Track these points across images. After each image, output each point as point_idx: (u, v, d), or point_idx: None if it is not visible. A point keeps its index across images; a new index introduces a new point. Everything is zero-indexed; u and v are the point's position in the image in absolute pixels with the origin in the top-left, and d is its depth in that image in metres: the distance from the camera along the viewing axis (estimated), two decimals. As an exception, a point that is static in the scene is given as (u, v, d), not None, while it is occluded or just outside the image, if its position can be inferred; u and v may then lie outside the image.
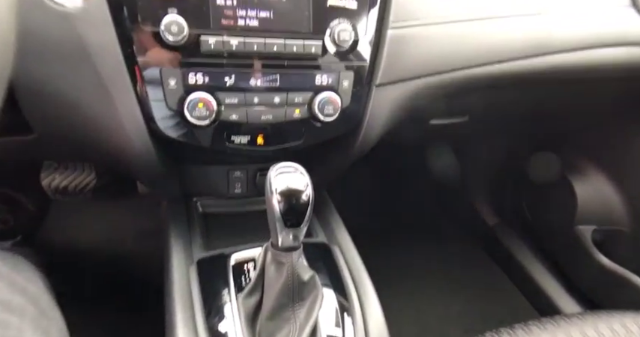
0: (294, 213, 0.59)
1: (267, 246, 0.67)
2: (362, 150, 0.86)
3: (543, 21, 0.82)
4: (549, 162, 1.36)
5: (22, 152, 0.82)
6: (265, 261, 0.67)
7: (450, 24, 0.77)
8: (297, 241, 0.63)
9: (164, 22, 0.61)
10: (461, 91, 0.87)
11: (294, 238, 0.62)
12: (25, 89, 0.63)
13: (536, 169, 1.44)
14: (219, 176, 0.95)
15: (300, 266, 0.66)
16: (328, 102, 0.74)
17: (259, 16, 0.67)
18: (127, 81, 0.64)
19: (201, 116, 0.67)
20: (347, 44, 0.71)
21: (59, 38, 0.59)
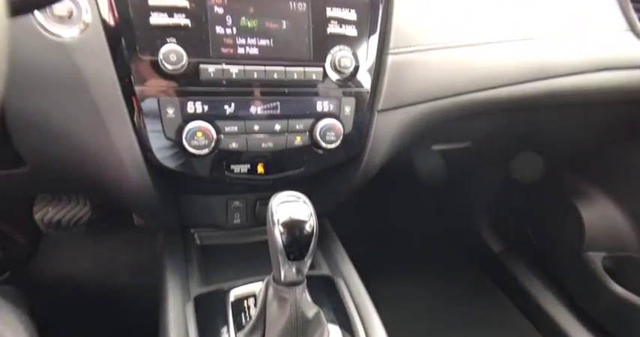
0: (297, 245, 0.56)
1: (268, 280, 0.63)
2: (365, 176, 0.84)
3: (541, 45, 0.83)
4: (533, 161, 1.33)
5: (13, 185, 0.79)
6: (267, 297, 0.63)
7: (449, 49, 0.77)
8: (301, 275, 0.59)
9: (162, 51, 0.60)
10: (462, 116, 0.86)
11: (298, 272, 0.59)
12: (18, 120, 0.61)
13: (521, 169, 1.40)
14: (217, 206, 0.92)
15: (304, 303, 0.62)
16: (330, 128, 0.72)
17: (259, 44, 0.66)
18: (124, 111, 0.62)
19: (200, 145, 0.65)
20: (348, 70, 0.71)
21: (55, 68, 0.58)
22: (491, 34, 0.79)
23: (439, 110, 0.81)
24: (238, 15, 0.64)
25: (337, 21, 0.69)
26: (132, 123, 0.63)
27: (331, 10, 0.69)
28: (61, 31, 0.57)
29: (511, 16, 0.82)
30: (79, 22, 0.58)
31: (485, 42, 0.79)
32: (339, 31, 0.70)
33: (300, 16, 0.67)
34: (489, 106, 0.85)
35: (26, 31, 0.56)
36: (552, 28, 0.84)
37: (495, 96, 0.83)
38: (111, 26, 0.59)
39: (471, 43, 0.78)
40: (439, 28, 0.76)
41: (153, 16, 0.60)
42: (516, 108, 0.90)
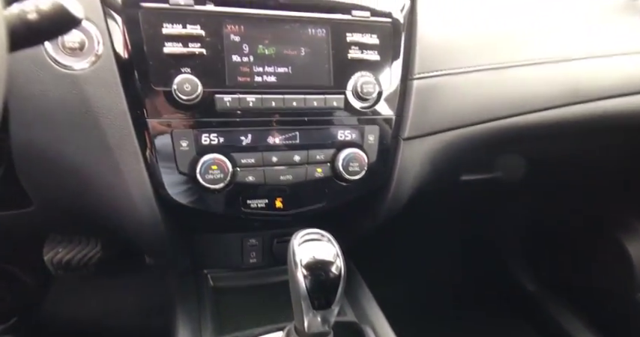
0: (323, 290, 0.49)
1: (289, 330, 0.56)
2: (392, 210, 0.77)
3: (577, 67, 0.78)
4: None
5: (21, 226, 0.75)
6: (288, 350, 0.56)
7: (478, 72, 0.73)
8: (327, 325, 0.52)
9: (176, 81, 0.57)
10: (494, 144, 0.80)
11: (324, 322, 0.51)
12: (25, 155, 0.58)
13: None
14: (232, 244, 0.86)
15: (331, 357, 0.54)
16: (353, 159, 0.67)
17: (277, 71, 0.63)
18: (135, 144, 0.58)
19: (215, 179, 0.60)
20: (371, 97, 0.67)
21: (65, 101, 0.55)
22: (523, 56, 0.75)
23: (469, 137, 0.76)
24: (255, 42, 0.61)
25: (358, 46, 0.66)
26: (143, 157, 0.59)
27: (352, 35, 0.66)
28: (72, 63, 0.55)
29: (544, 36, 0.77)
30: (91, 53, 0.55)
31: (517, 64, 0.74)
32: (361, 57, 0.66)
33: (320, 41, 0.64)
34: (522, 133, 0.79)
35: (36, 64, 0.54)
36: (588, 48, 0.79)
37: (529, 122, 0.77)
38: (123, 57, 0.57)
39: (502, 66, 0.74)
40: (467, 51, 0.72)
41: (167, 45, 0.57)
42: (551, 135, 0.84)
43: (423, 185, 0.79)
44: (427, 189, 0.83)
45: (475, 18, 0.73)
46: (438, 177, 0.82)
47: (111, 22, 0.56)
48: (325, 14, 0.64)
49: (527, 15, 0.77)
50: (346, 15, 0.65)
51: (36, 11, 0.42)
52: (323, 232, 0.57)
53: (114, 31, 0.56)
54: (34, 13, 0.42)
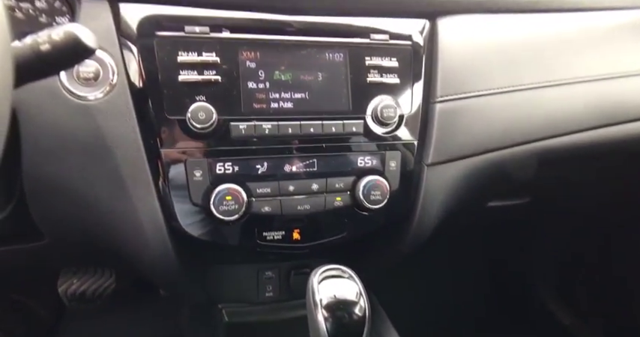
0: (346, 334, 0.45)
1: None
2: (416, 241, 0.73)
3: (613, 86, 0.73)
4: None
5: (34, 259, 0.73)
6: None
7: (504, 94, 0.69)
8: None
9: (191, 110, 0.55)
10: (523, 169, 0.75)
11: (347, 368, 0.47)
12: (37, 187, 0.56)
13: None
14: (247, 277, 0.82)
15: None
16: (374, 186, 0.64)
17: (294, 97, 0.61)
18: (147, 174, 0.56)
19: (229, 210, 0.57)
20: (392, 121, 0.64)
21: (77, 132, 0.54)
22: (551, 76, 0.71)
23: (496, 163, 0.71)
24: (271, 68, 0.60)
25: (377, 69, 0.64)
26: (155, 188, 0.57)
27: (370, 58, 0.64)
28: (86, 94, 0.54)
29: (573, 55, 0.74)
30: (106, 83, 0.55)
31: (545, 84, 0.70)
32: (380, 80, 0.64)
33: (337, 66, 0.62)
34: (554, 157, 0.74)
35: (50, 95, 0.53)
36: (622, 66, 0.75)
37: (560, 145, 0.73)
38: (138, 86, 0.56)
39: (529, 87, 0.70)
40: (491, 72, 0.69)
41: (182, 73, 0.56)
42: (584, 158, 0.79)
43: (449, 213, 0.75)
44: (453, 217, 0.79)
45: (498, 38, 0.70)
46: (464, 205, 0.77)
47: (126, 51, 0.55)
48: (343, 38, 0.63)
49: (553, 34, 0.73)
50: (364, 38, 0.63)
51: (48, 42, 0.41)
52: (344, 268, 0.53)
53: (129, 60, 0.55)
54: (46, 44, 0.41)
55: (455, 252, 1.44)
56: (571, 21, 0.75)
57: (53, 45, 0.41)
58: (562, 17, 0.75)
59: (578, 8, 0.76)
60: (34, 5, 0.60)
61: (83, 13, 0.55)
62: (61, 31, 0.41)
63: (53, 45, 0.41)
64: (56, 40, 0.41)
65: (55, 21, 0.60)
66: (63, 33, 0.41)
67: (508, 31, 0.71)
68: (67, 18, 0.59)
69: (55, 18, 0.60)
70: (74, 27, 0.41)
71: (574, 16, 0.75)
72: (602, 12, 0.77)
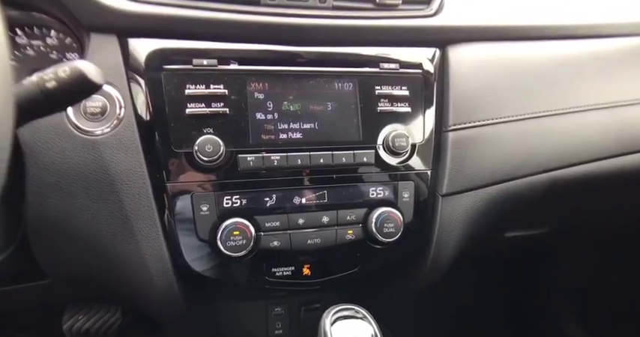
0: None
1: None
2: (433, 274, 0.69)
3: (630, 112, 0.71)
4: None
5: (36, 298, 0.71)
6: None
7: (519, 122, 0.67)
8: None
9: (198, 143, 0.54)
10: (541, 198, 0.72)
11: None
12: (39, 225, 0.55)
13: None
14: (255, 314, 0.79)
15: None
16: (387, 219, 0.61)
17: (303, 127, 0.60)
18: (153, 209, 0.55)
19: (237, 246, 0.55)
20: (403, 150, 0.62)
21: (84, 167, 0.53)
22: (568, 103, 0.69)
23: (513, 192, 0.68)
24: (280, 99, 0.59)
25: (388, 98, 0.63)
26: (161, 223, 0.55)
27: (381, 87, 0.63)
28: (93, 128, 0.54)
29: (589, 81, 0.72)
30: (113, 117, 0.54)
31: (562, 112, 0.69)
32: (391, 109, 0.63)
33: (347, 95, 0.61)
34: (572, 186, 0.71)
35: (56, 131, 0.52)
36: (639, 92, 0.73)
37: (579, 174, 0.70)
38: (145, 120, 0.55)
39: (545, 114, 0.68)
40: (505, 99, 0.67)
41: (189, 106, 0.55)
42: (605, 187, 0.76)
43: (466, 245, 0.71)
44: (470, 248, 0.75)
45: (509, 66, 0.69)
46: (482, 235, 0.74)
47: (133, 85, 0.55)
48: (352, 68, 0.62)
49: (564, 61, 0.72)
50: (374, 68, 0.63)
51: (55, 79, 0.41)
52: (357, 307, 0.50)
53: (136, 94, 0.55)
54: (52, 81, 0.41)
55: (473, 283, 1.38)
56: (581, 48, 0.74)
57: (59, 82, 0.41)
58: (572, 44, 0.74)
59: (587, 35, 0.75)
60: (45, 42, 0.60)
61: (92, 48, 0.55)
62: (67, 68, 0.41)
63: (59, 82, 0.41)
64: (62, 77, 0.41)
65: (65, 57, 0.61)
66: (69, 69, 0.41)
67: (518, 58, 0.70)
68: (76, 54, 0.60)
69: (65, 54, 0.61)
70: (80, 63, 0.41)
71: (584, 42, 0.74)
72: (612, 39, 0.76)
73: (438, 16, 0.65)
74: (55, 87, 0.41)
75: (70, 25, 0.57)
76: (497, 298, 1.48)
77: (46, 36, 0.61)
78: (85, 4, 0.53)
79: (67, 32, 0.59)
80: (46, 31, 0.60)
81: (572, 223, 0.92)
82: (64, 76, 0.41)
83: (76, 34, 0.58)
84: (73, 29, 0.57)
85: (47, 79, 0.41)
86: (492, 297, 1.48)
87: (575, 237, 1.11)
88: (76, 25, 0.56)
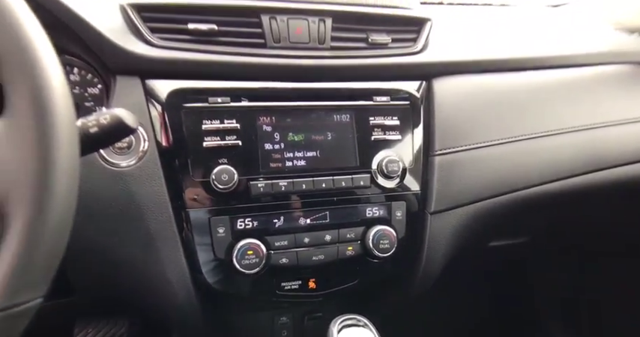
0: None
1: None
2: (424, 284, 0.76)
3: (598, 134, 0.80)
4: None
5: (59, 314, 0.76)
6: None
7: (499, 145, 0.75)
8: None
9: (215, 172, 0.61)
10: (520, 212, 0.80)
11: None
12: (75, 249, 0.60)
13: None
14: (263, 323, 0.85)
15: None
16: (383, 236, 0.68)
17: (306, 155, 0.67)
18: (175, 232, 0.61)
19: (251, 264, 0.62)
20: (396, 174, 0.69)
21: (112, 196, 0.59)
22: (542, 127, 0.78)
23: (494, 208, 0.76)
24: (286, 131, 0.66)
25: (381, 128, 0.70)
26: (182, 245, 0.62)
27: (374, 118, 0.70)
28: (120, 161, 0.60)
29: (562, 106, 0.81)
30: (138, 151, 0.60)
31: (537, 135, 0.77)
32: (384, 137, 0.70)
33: (345, 126, 0.69)
34: (547, 201, 0.80)
35: (87, 164, 0.58)
36: (608, 115, 0.82)
37: (554, 190, 0.78)
38: (166, 153, 0.61)
39: (521, 138, 0.76)
40: (485, 125, 0.75)
41: (206, 139, 0.62)
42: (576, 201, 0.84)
43: (453, 255, 0.79)
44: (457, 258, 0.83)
45: (488, 95, 0.77)
46: (467, 247, 0.81)
47: (155, 121, 0.61)
48: (349, 102, 0.69)
49: (537, 89, 0.81)
50: (368, 101, 0.70)
51: (97, 125, 0.47)
52: (359, 317, 0.56)
53: (158, 130, 0.61)
54: (95, 127, 0.47)
55: (462, 291, 1.46)
56: (552, 77, 0.83)
57: (101, 128, 0.47)
58: (543, 74, 0.82)
59: (557, 65, 0.84)
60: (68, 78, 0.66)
61: (118, 88, 0.61)
62: (107, 116, 0.47)
63: (101, 128, 0.47)
64: (104, 124, 0.47)
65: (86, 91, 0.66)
66: (109, 117, 0.47)
67: (496, 88, 0.78)
68: (97, 89, 0.65)
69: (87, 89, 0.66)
70: (119, 111, 0.47)
71: (554, 72, 0.83)
72: (580, 68, 0.85)
73: (424, 52, 0.73)
74: (97, 132, 0.47)
75: (97, 67, 0.63)
76: (486, 305, 1.56)
77: (69, 73, 0.66)
78: (112, 50, 0.60)
79: (92, 71, 0.65)
80: (69, 68, 0.66)
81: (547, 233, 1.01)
82: (105, 122, 0.47)
83: (101, 74, 0.64)
84: (99, 70, 0.63)
85: (90, 125, 0.47)
86: (482, 304, 1.56)
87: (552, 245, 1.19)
88: (103, 68, 0.62)
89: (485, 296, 1.55)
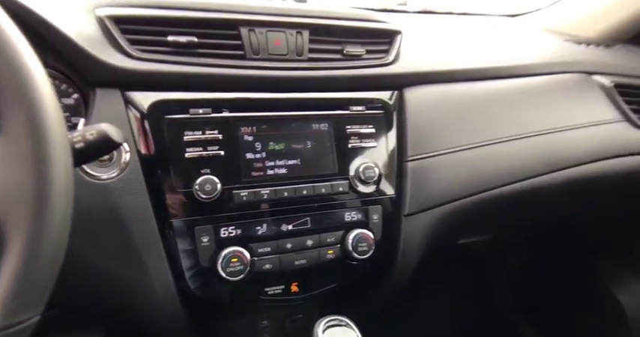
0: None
1: None
2: (400, 283, 0.81)
3: (552, 138, 0.87)
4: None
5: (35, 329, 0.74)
6: None
7: (466, 150, 0.80)
8: None
9: (198, 182, 0.62)
10: (486, 212, 0.86)
11: None
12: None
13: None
14: (245, 328, 0.86)
15: None
16: (361, 239, 0.72)
17: (287, 164, 0.69)
18: (159, 243, 0.62)
19: (235, 271, 0.63)
20: (372, 180, 0.73)
21: (94, 210, 0.59)
22: (504, 132, 0.84)
23: (463, 208, 0.82)
24: (267, 140, 0.68)
25: (357, 136, 0.74)
26: (167, 255, 0.62)
27: (351, 127, 0.73)
28: (101, 174, 0.60)
29: (519, 113, 0.87)
30: (119, 163, 0.60)
31: (499, 140, 0.83)
32: (360, 145, 0.74)
33: (323, 135, 0.72)
34: (510, 200, 0.86)
35: (69, 177, 0.58)
36: (559, 121, 0.89)
37: (515, 190, 0.84)
38: (149, 164, 0.62)
39: (486, 143, 0.82)
40: (454, 132, 0.81)
41: (188, 150, 0.63)
42: (536, 200, 0.91)
43: (426, 254, 0.84)
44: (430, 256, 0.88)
45: (455, 104, 0.82)
46: (439, 245, 0.86)
47: (137, 134, 0.62)
48: (327, 111, 0.72)
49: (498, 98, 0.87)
50: (345, 110, 0.73)
51: (83, 141, 0.47)
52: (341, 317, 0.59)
53: (140, 142, 0.62)
54: (81, 142, 0.47)
55: (436, 289, 1.53)
56: (511, 86, 0.89)
57: (87, 143, 0.48)
58: (505, 83, 0.89)
59: (515, 75, 0.90)
60: None
61: (97, 101, 0.61)
62: (93, 131, 0.47)
63: (87, 143, 0.48)
64: (90, 139, 0.48)
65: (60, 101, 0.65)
66: (96, 132, 0.48)
67: (463, 97, 0.84)
68: (72, 99, 0.63)
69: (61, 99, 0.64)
70: (104, 126, 0.48)
71: (513, 81, 0.90)
72: (534, 77, 0.92)
73: (396, 64, 0.78)
74: (82, 147, 0.48)
75: (75, 80, 0.62)
76: (456, 301, 1.64)
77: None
78: (91, 62, 0.60)
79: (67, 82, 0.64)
80: None
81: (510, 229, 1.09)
82: (92, 138, 0.48)
83: (79, 86, 0.63)
84: (78, 83, 0.63)
85: (76, 140, 0.47)
86: (455, 302, 1.64)
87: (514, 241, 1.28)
88: (81, 80, 0.62)
89: (458, 294, 1.63)
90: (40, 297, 0.37)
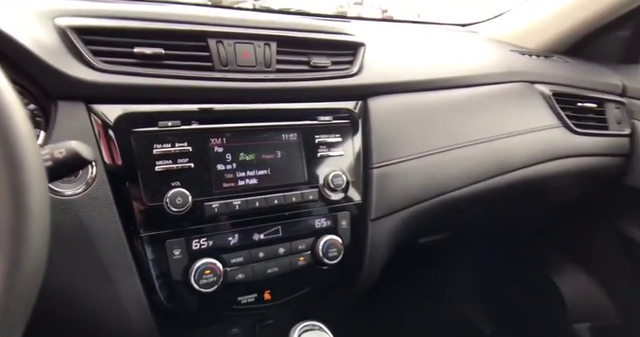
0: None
1: None
2: (367, 284, 0.84)
3: (499, 144, 0.95)
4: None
5: None
6: None
7: (426, 157, 0.86)
8: None
9: (168, 196, 0.61)
10: (445, 213, 0.92)
11: None
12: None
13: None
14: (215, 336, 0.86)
15: None
16: (331, 244, 0.74)
17: (258, 174, 0.70)
18: (129, 258, 0.61)
19: (208, 283, 0.64)
20: (340, 187, 0.76)
21: (58, 227, 0.56)
22: (460, 138, 0.90)
23: (424, 211, 0.87)
24: (237, 151, 0.69)
25: (325, 145, 0.76)
26: (137, 269, 0.61)
27: (319, 136, 0.76)
28: (65, 190, 0.58)
29: (470, 121, 0.94)
30: (85, 178, 0.59)
31: (454, 147, 0.89)
32: (328, 154, 0.76)
33: (293, 145, 0.73)
34: (466, 201, 0.92)
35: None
36: (504, 128, 0.97)
37: (470, 192, 0.91)
38: (117, 179, 0.60)
39: (443, 149, 0.88)
40: (415, 139, 0.85)
41: (158, 163, 0.62)
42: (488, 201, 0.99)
43: (391, 254, 0.88)
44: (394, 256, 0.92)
45: (414, 112, 0.87)
46: (402, 245, 0.91)
47: (104, 148, 0.60)
48: (295, 121, 0.74)
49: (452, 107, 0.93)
50: (313, 120, 0.75)
51: (51, 159, 0.46)
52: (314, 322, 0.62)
53: (107, 156, 0.60)
54: (49, 161, 0.46)
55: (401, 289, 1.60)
56: (462, 95, 0.96)
57: (55, 162, 0.46)
58: (458, 92, 0.95)
59: (468, 84, 0.97)
60: None
61: (60, 114, 0.58)
62: (62, 149, 0.46)
63: (55, 162, 0.46)
64: (58, 157, 0.46)
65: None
66: (65, 151, 0.46)
67: (421, 106, 0.89)
68: (31, 111, 0.61)
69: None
70: (74, 144, 0.47)
71: (469, 90, 0.96)
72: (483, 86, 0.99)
73: (359, 75, 0.81)
74: (51, 166, 0.46)
75: (33, 92, 0.60)
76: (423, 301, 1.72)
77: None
78: (52, 75, 0.57)
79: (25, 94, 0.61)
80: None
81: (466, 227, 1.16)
82: (61, 156, 0.46)
83: (38, 99, 0.60)
84: (37, 95, 0.60)
85: (45, 159, 0.46)
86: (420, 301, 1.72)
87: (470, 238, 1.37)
88: (41, 93, 0.59)
89: (421, 292, 1.71)
90: (17, 326, 0.36)
